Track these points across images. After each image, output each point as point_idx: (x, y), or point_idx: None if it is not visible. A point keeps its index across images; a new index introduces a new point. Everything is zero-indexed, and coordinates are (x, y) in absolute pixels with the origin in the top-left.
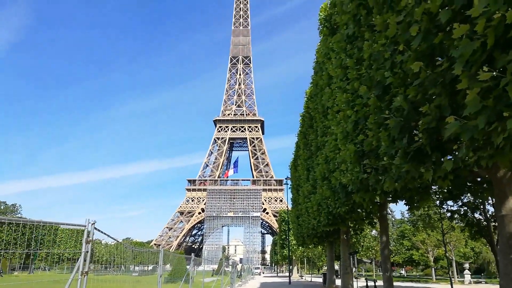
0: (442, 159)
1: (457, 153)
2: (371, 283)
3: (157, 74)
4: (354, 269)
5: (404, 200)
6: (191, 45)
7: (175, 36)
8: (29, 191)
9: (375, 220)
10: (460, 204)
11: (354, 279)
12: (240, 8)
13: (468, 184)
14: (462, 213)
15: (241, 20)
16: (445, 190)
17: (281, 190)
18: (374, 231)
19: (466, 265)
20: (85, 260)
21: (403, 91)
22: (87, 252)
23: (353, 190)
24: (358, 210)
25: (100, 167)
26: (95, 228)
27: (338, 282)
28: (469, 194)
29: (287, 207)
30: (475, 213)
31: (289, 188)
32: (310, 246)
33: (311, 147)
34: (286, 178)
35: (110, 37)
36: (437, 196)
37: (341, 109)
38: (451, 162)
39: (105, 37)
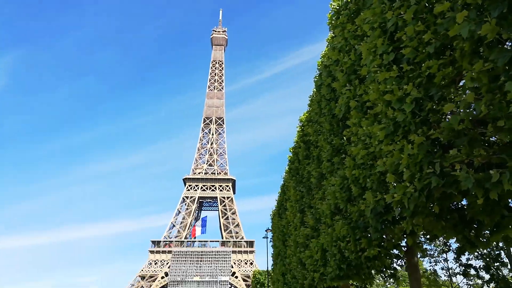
0: None
1: None
2: None
3: (127, 135)
4: None
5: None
6: (164, 109)
7: (148, 100)
8: None
9: (396, 272)
10: (474, 256)
11: None
12: (215, 73)
13: None
14: (482, 266)
15: (215, 84)
16: None
17: (251, 252)
18: None
19: None
20: None
21: None
22: None
23: (404, 214)
24: (384, 254)
25: (56, 228)
26: None
27: None
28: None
29: (266, 269)
30: (494, 266)
31: (270, 241)
32: None
33: (310, 180)
34: (266, 230)
35: (84, 97)
36: None
37: (384, 92)
38: None
39: (79, 97)
